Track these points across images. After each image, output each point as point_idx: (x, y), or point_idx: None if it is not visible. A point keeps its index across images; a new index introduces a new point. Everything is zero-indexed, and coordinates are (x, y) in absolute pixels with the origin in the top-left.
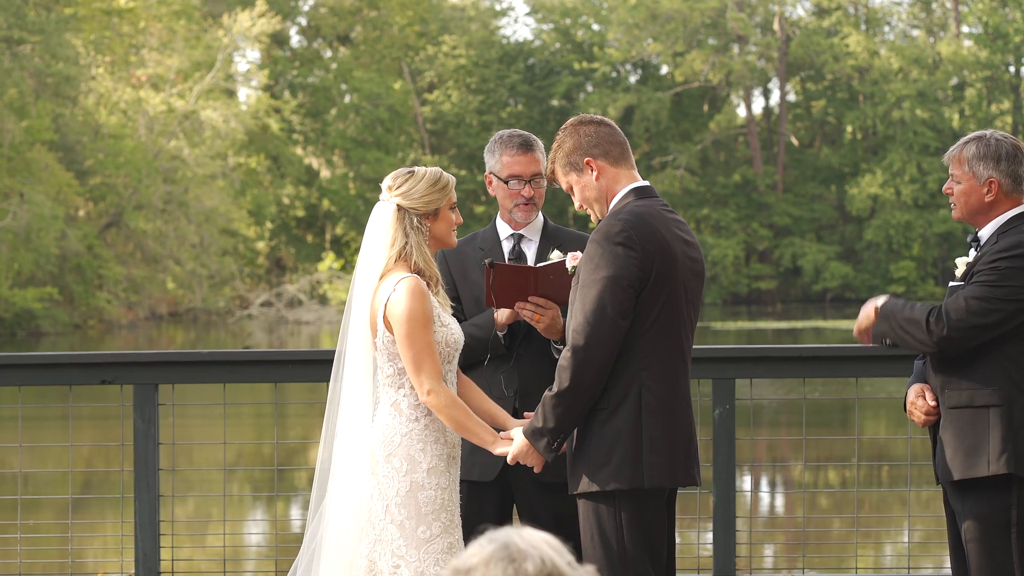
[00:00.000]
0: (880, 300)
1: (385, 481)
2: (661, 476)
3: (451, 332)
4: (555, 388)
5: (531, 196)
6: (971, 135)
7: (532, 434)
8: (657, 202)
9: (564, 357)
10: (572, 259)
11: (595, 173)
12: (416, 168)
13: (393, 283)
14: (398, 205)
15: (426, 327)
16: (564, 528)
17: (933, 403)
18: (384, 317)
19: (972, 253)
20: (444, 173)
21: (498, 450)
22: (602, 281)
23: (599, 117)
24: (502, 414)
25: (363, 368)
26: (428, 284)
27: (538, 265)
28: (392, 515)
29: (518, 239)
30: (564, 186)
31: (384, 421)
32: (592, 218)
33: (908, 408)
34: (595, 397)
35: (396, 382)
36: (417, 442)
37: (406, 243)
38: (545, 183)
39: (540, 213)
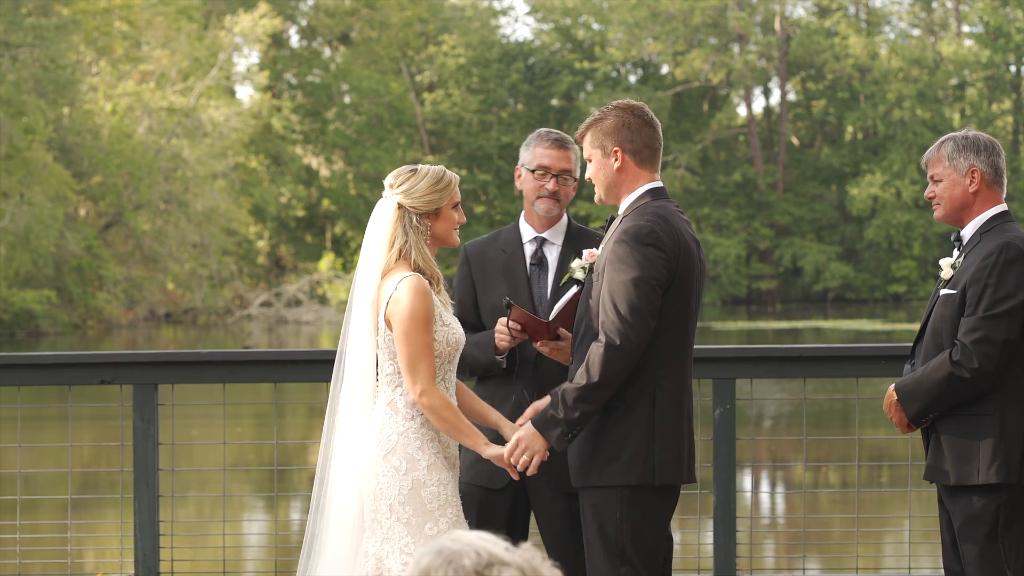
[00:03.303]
0: (891, 389)
1: (386, 480)
2: (671, 473)
3: (452, 332)
4: (582, 380)
5: (555, 191)
6: (944, 136)
7: (545, 423)
8: (671, 203)
9: (595, 352)
10: (589, 256)
11: (617, 164)
12: (419, 166)
13: (396, 281)
14: (399, 203)
15: (426, 327)
16: (579, 531)
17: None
18: (385, 315)
19: (955, 253)
20: (447, 172)
21: (488, 452)
22: (634, 281)
23: (650, 115)
24: (494, 414)
25: (364, 367)
26: (430, 283)
27: (551, 318)
28: (398, 514)
29: (541, 243)
30: (586, 153)
31: (381, 420)
32: (596, 197)
33: (886, 408)
34: (614, 393)
35: (395, 381)
36: (415, 440)
37: (406, 241)
38: (574, 183)
39: (565, 215)
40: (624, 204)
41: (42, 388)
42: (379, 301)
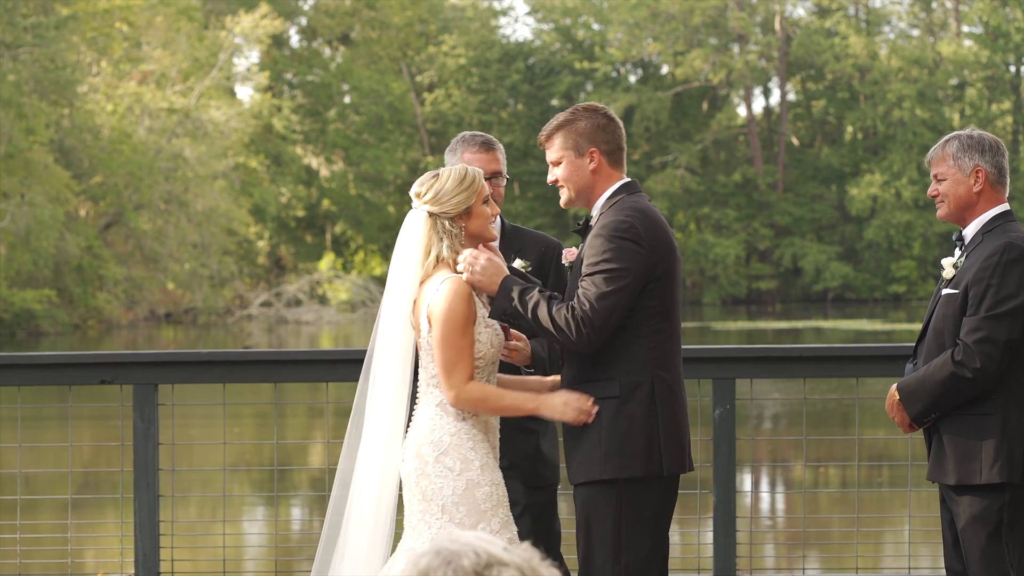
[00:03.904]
0: (893, 389)
1: (439, 481)
2: (676, 463)
3: (496, 333)
4: (549, 319)
5: (490, 193)
6: (949, 135)
7: (507, 288)
8: (645, 197)
9: (564, 318)
10: (568, 255)
11: (593, 164)
12: (440, 170)
13: (438, 283)
14: (428, 212)
15: (464, 330)
16: (537, 519)
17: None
18: (428, 317)
19: (957, 252)
20: (469, 169)
21: (544, 407)
22: (608, 273)
23: (614, 115)
24: (534, 381)
25: (397, 374)
26: None
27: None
28: (450, 514)
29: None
30: (554, 156)
31: (432, 422)
32: (562, 199)
33: (888, 408)
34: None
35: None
36: (467, 441)
37: (442, 248)
38: (505, 183)
39: (499, 216)
40: (599, 203)
41: (42, 388)
42: (421, 304)
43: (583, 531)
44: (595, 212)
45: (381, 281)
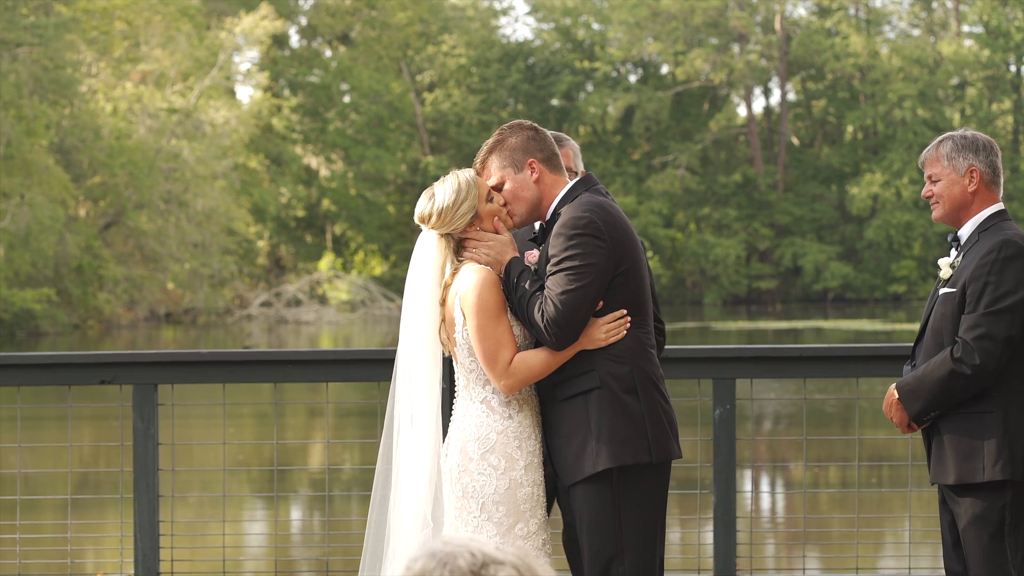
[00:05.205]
0: (892, 389)
1: (481, 479)
2: (664, 449)
3: (522, 327)
4: (534, 326)
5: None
6: (942, 136)
7: (512, 266)
8: (603, 190)
9: (538, 317)
10: (529, 257)
11: (535, 175)
12: (434, 188)
13: (467, 273)
14: (439, 234)
15: (499, 318)
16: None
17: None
18: (461, 310)
19: (953, 253)
20: (460, 175)
21: (589, 345)
22: (573, 270)
23: (538, 126)
24: None
25: (426, 377)
26: None
27: None
28: (489, 512)
29: None
30: (494, 180)
31: (478, 419)
32: (510, 220)
33: (886, 408)
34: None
35: (482, 378)
36: (513, 439)
37: (457, 263)
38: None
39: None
40: (554, 204)
41: (42, 388)
42: (452, 299)
43: (585, 530)
44: (551, 211)
45: (381, 281)
